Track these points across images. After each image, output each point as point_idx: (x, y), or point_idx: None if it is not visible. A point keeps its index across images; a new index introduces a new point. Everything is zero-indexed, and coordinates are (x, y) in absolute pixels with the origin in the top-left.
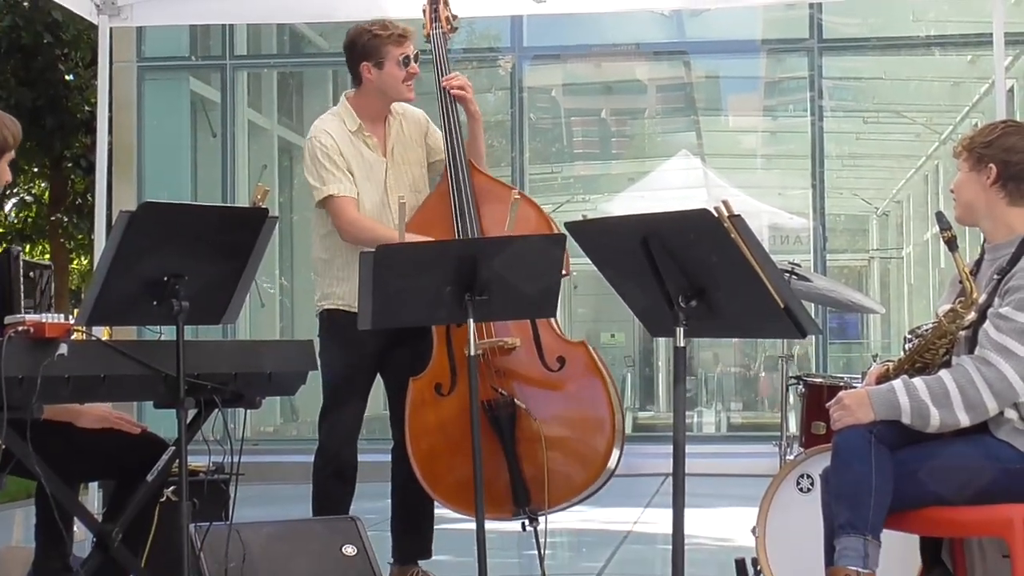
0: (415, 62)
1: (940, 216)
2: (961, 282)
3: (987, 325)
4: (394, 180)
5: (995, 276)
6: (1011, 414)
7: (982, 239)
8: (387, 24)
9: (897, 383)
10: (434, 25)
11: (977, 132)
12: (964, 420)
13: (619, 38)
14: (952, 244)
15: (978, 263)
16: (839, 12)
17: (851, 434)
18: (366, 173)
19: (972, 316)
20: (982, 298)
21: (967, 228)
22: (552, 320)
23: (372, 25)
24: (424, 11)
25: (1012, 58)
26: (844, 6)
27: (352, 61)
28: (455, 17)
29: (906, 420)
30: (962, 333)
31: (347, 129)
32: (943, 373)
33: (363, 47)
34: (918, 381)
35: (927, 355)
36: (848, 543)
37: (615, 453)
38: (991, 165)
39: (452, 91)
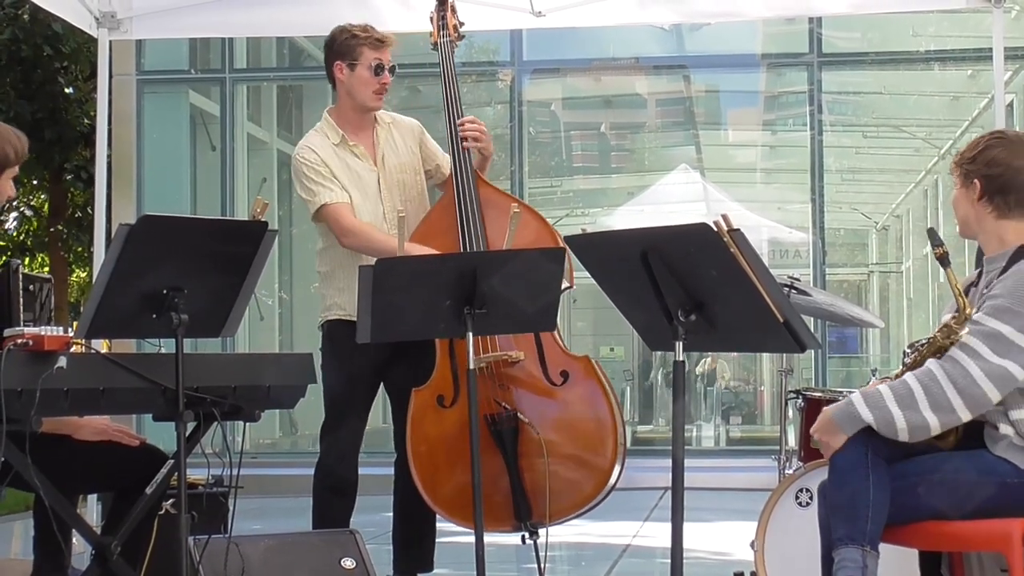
0: (390, 73)
1: (932, 233)
2: (956, 298)
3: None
4: (386, 189)
5: (984, 290)
6: (1007, 430)
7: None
8: (368, 27)
9: (856, 395)
10: (442, 33)
11: (966, 147)
12: (932, 421)
13: (619, 52)
14: (944, 260)
15: (979, 275)
16: (839, 27)
17: (847, 448)
18: (354, 183)
19: (966, 331)
20: (975, 312)
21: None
22: (556, 334)
23: (353, 26)
24: (431, 19)
25: (1011, 73)
26: (844, 21)
27: (328, 59)
28: (462, 24)
29: (876, 428)
30: None
31: (330, 142)
32: (908, 375)
33: (339, 45)
34: (883, 387)
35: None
36: (846, 554)
37: (617, 468)
38: (975, 181)
39: (465, 141)
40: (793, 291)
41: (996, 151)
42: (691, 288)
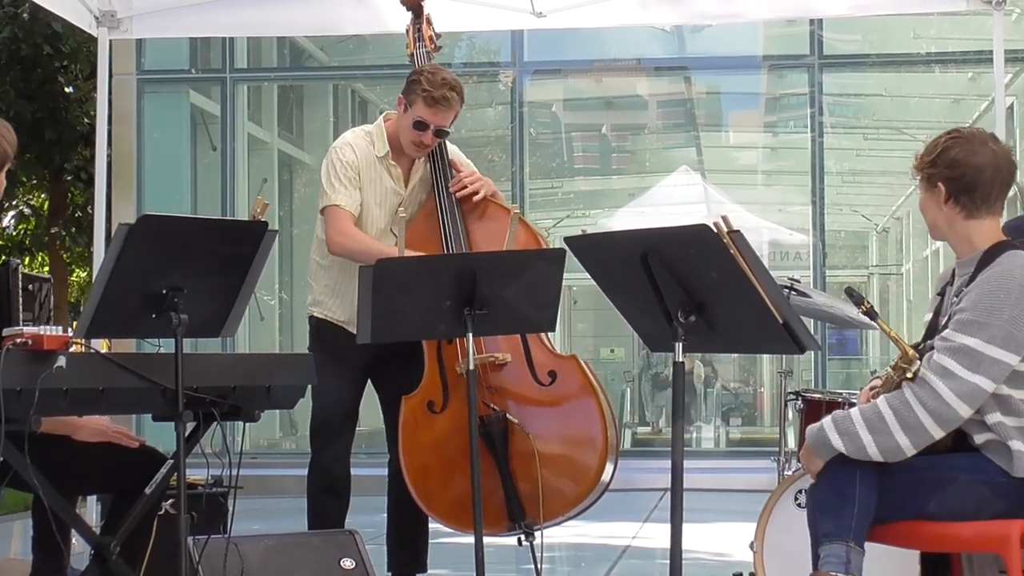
0: (435, 136)
1: (850, 291)
2: (895, 343)
3: (934, 348)
4: (403, 209)
5: (954, 297)
6: (987, 436)
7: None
8: (437, 81)
9: (827, 420)
10: (417, 45)
11: (923, 150)
12: (904, 442)
13: (620, 53)
14: (871, 314)
15: (953, 275)
16: (840, 29)
17: None
18: (379, 199)
19: (916, 367)
20: (942, 321)
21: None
22: (543, 335)
23: (432, 71)
24: (407, 31)
25: (1012, 75)
26: (844, 23)
27: (404, 87)
28: (438, 36)
29: (847, 454)
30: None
31: (374, 153)
32: (879, 399)
33: (409, 82)
34: (854, 411)
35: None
36: (831, 550)
37: (608, 467)
38: (939, 184)
39: (462, 197)
40: (793, 293)
41: (955, 151)
42: (691, 289)
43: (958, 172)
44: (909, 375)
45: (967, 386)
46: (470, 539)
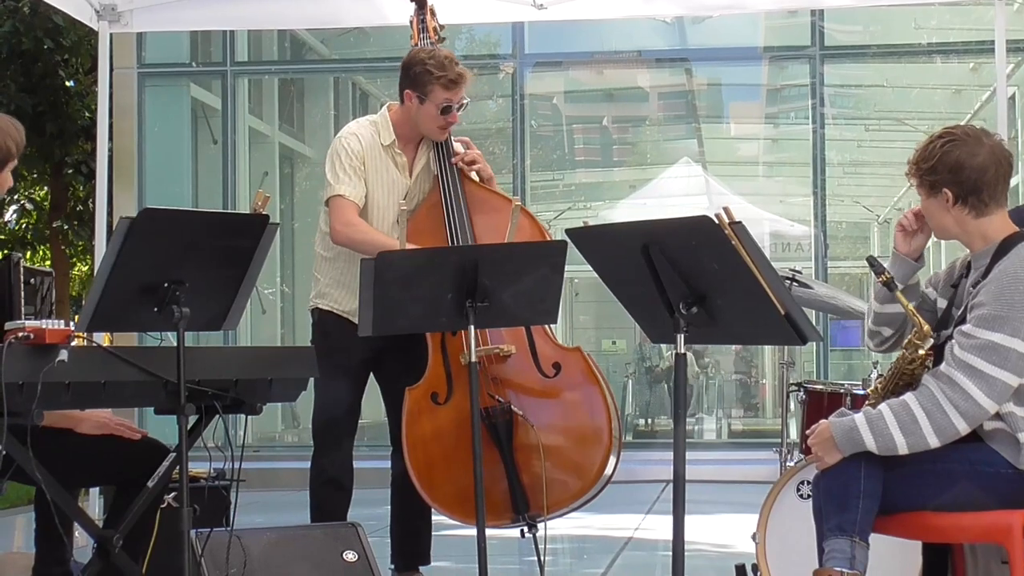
0: (458, 110)
1: (872, 261)
2: (911, 318)
3: (952, 341)
4: (407, 200)
5: (970, 288)
6: (997, 424)
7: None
8: (444, 63)
9: (859, 418)
10: (421, 36)
11: (919, 155)
12: (934, 443)
13: (621, 45)
14: (891, 285)
15: (967, 268)
16: (841, 20)
17: None
18: (387, 189)
19: (929, 344)
20: (958, 312)
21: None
22: (547, 327)
23: (431, 57)
24: (411, 22)
25: (1014, 66)
26: (846, 14)
27: (401, 80)
28: (442, 27)
29: (877, 452)
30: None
31: (380, 142)
32: (909, 398)
33: (413, 75)
34: (885, 409)
35: (905, 378)
36: (835, 545)
37: (612, 460)
38: (944, 189)
39: (464, 169)
40: (794, 284)
41: (955, 154)
42: (692, 281)
43: (963, 176)
44: (922, 351)
45: (997, 384)
46: (473, 531)
